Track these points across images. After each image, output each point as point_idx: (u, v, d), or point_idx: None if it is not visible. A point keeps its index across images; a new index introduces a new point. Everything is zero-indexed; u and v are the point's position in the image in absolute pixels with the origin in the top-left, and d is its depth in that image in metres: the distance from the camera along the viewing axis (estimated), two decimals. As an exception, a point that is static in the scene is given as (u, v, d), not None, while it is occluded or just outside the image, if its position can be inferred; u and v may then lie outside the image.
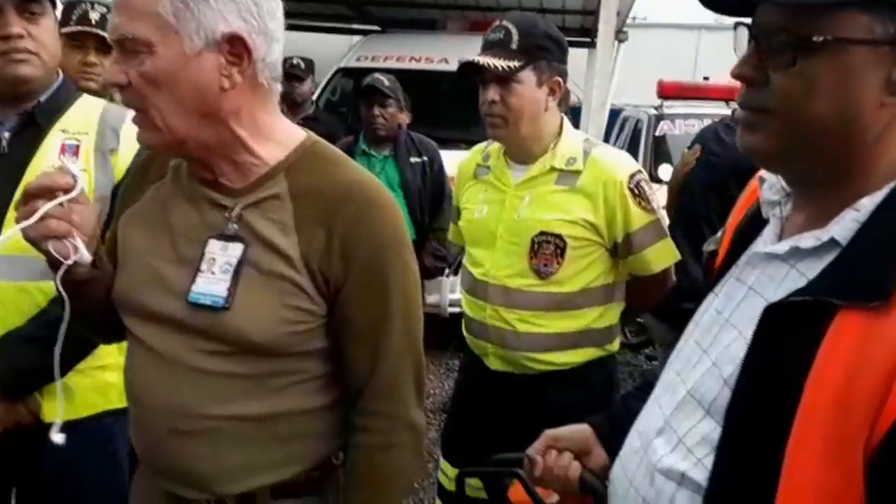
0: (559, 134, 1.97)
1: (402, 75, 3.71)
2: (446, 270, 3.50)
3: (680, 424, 0.85)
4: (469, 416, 2.18)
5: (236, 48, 1.02)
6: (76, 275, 1.07)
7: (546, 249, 1.91)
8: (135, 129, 1.08)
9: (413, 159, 3.33)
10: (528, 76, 1.87)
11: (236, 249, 1.07)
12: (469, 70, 1.90)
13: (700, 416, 0.82)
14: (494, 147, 2.07)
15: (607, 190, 1.87)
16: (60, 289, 1.05)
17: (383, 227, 1.10)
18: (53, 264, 1.05)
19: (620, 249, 1.91)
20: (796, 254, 0.80)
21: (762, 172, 0.91)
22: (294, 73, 4.35)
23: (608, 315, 1.97)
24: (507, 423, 1.91)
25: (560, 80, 1.93)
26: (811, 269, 0.77)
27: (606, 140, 5.92)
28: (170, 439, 1.09)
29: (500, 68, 1.84)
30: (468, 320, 2.10)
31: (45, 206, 0.99)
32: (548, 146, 1.95)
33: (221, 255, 1.07)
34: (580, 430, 1.13)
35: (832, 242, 0.76)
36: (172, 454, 1.09)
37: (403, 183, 3.27)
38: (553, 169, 1.93)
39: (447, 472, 2.32)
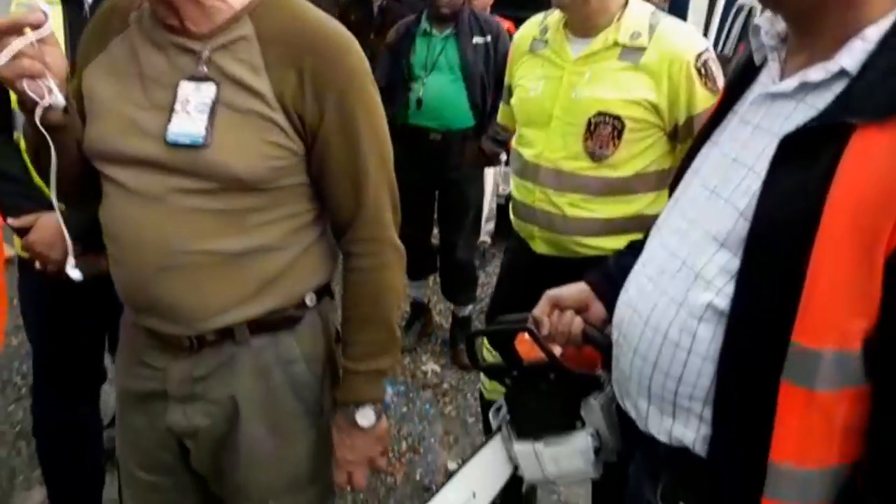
0: (625, 5, 1.83)
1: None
2: (504, 157, 3.42)
3: (696, 261, 0.89)
4: (512, 301, 2.18)
5: None
6: (50, 120, 1.07)
7: (603, 131, 1.82)
8: None
9: (476, 39, 3.17)
10: None
11: (209, 89, 1.09)
12: None
13: (715, 248, 0.86)
14: (553, 18, 1.95)
15: (672, 68, 1.75)
16: (41, 128, 1.05)
17: (349, 67, 1.14)
18: (28, 107, 1.05)
19: (681, 132, 1.81)
20: (804, 88, 0.83)
21: (757, 20, 0.95)
22: None
23: (660, 201, 1.88)
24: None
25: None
26: (820, 101, 0.81)
27: (719, 30, 5.57)
28: (151, 275, 1.13)
29: None
30: (515, 203, 2.05)
31: (17, 43, 0.98)
32: (612, 18, 1.82)
33: (195, 96, 1.09)
34: (579, 289, 1.19)
35: (841, 73, 0.80)
36: (153, 290, 1.14)
37: (463, 64, 3.13)
38: (616, 44, 1.81)
39: (486, 385, 2.35)
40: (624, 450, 1.12)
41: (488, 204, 4.13)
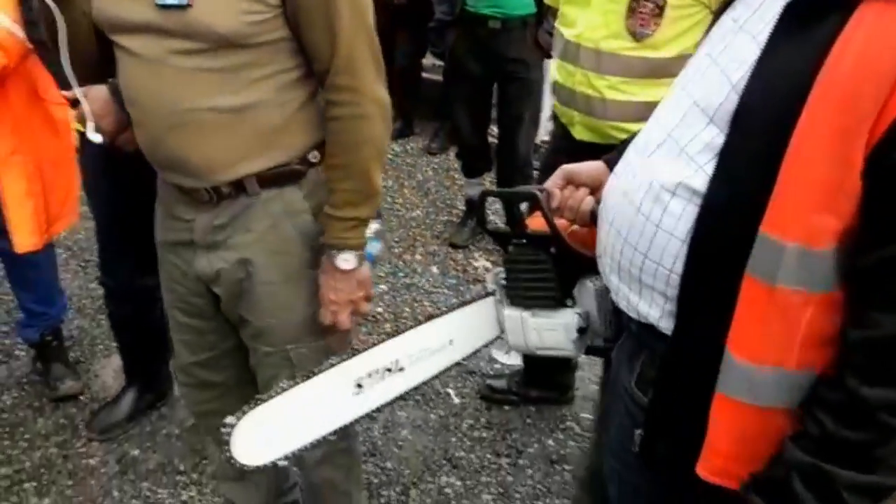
0: None
1: None
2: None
3: (682, 135, 0.85)
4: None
5: None
6: None
7: (644, 8, 1.75)
8: None
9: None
10: None
11: None
12: None
13: (704, 123, 0.82)
14: None
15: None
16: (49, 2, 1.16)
17: None
18: None
19: (727, 9, 1.71)
20: None
21: None
22: None
23: (703, 84, 1.82)
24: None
25: None
26: None
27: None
28: (164, 133, 1.25)
29: None
30: (557, 87, 2.02)
31: None
32: None
33: None
34: (595, 167, 1.14)
35: None
36: (169, 146, 1.26)
37: None
38: (662, -86, 1.71)
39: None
40: (613, 338, 1.11)
41: (549, 98, 4.03)
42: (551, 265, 1.14)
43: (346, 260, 1.31)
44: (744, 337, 0.78)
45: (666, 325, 0.88)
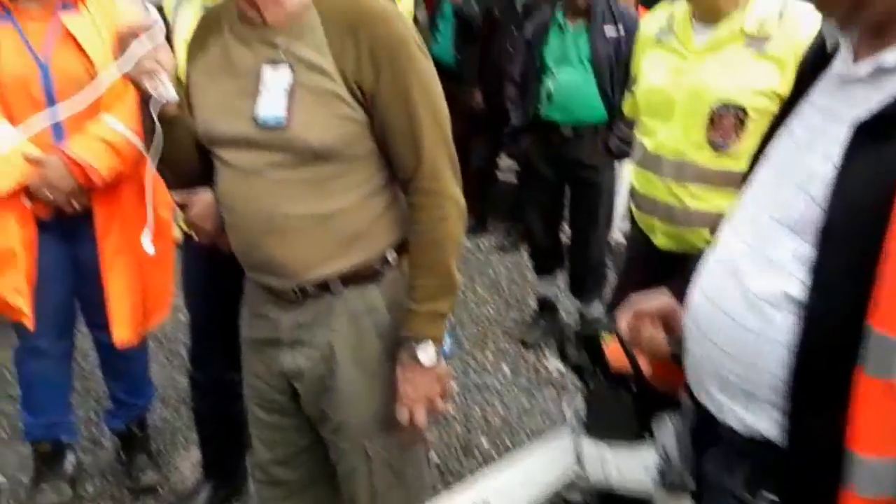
0: (752, -9, 1.78)
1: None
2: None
3: (766, 246, 0.88)
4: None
5: None
6: (166, 112, 1.31)
7: (726, 121, 1.79)
8: None
9: (608, 31, 3.10)
10: None
11: (286, 73, 1.27)
12: None
13: (786, 234, 0.86)
14: (681, 7, 1.92)
15: (799, 56, 1.68)
16: (155, 119, 1.29)
17: (397, 35, 1.27)
18: (146, 100, 1.29)
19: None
20: (879, 73, 0.83)
21: None
22: None
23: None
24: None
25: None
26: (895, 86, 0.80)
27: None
28: (258, 238, 1.35)
29: None
30: (636, 195, 2.05)
31: (138, 47, 1.20)
32: (739, 4, 1.78)
33: (275, 80, 1.27)
34: (663, 299, 1.16)
35: None
36: (262, 250, 1.36)
37: (594, 57, 3.09)
38: (742, 32, 1.76)
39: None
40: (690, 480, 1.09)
41: (623, 200, 4.06)
42: (631, 402, 1.17)
43: (426, 352, 1.35)
44: (867, 434, 0.78)
45: (774, 433, 0.89)
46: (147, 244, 1.48)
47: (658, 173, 1.92)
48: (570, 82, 3.14)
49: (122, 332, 2.14)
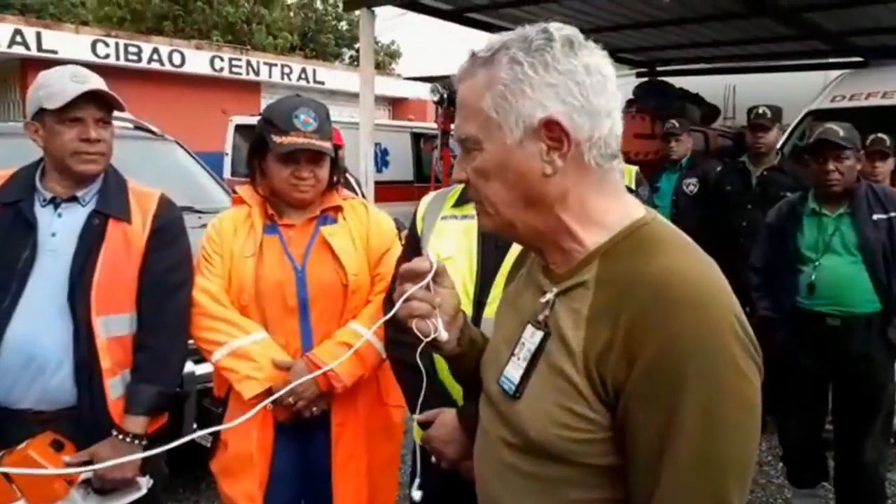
0: None
1: (890, 113, 3.17)
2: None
3: None
4: None
5: (554, 132, 0.99)
6: (444, 350, 1.21)
7: None
8: None
9: (876, 216, 2.82)
10: None
11: (537, 337, 1.04)
12: None
13: None
14: None
15: None
16: (419, 363, 1.19)
17: (683, 326, 0.88)
18: (414, 344, 1.16)
19: None
20: None
21: None
22: (759, 122, 4.10)
23: None
24: None
25: None
26: None
27: None
28: (484, 484, 1.13)
29: None
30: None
31: (411, 289, 1.13)
32: None
33: (528, 342, 1.05)
34: None
35: None
36: None
37: (862, 244, 2.79)
38: None
39: None
40: None
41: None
42: None
43: None
44: None
45: None
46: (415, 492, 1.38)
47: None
48: (836, 271, 2.85)
49: (347, 536, 2.02)
